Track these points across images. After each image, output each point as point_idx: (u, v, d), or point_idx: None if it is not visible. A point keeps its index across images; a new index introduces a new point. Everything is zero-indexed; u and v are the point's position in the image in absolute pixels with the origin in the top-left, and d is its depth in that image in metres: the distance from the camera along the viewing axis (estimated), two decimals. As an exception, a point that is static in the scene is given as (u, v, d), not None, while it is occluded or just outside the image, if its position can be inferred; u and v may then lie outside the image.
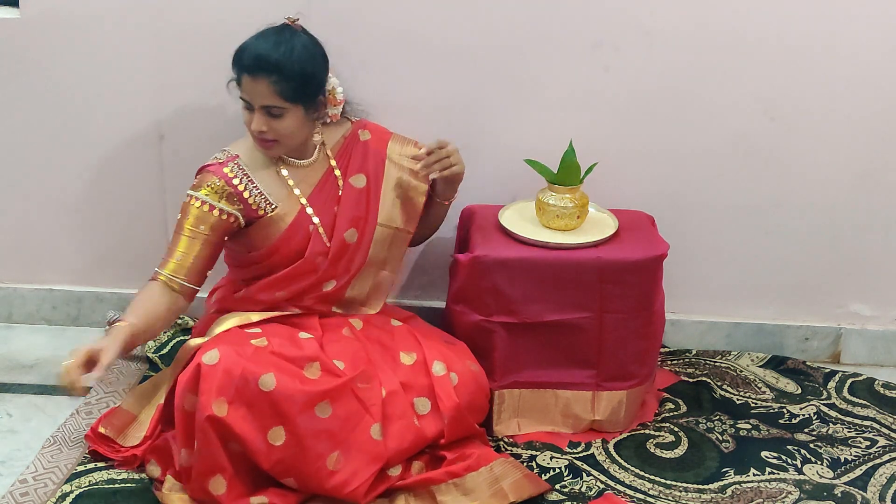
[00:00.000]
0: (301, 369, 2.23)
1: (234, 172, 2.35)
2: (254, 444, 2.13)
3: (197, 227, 2.31)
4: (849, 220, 2.84)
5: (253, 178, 2.36)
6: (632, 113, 2.76)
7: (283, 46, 2.26)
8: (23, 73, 2.75)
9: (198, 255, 2.31)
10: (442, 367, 2.36)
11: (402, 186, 2.47)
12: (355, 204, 2.43)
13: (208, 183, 2.33)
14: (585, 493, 2.32)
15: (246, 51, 2.27)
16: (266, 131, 2.29)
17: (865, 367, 2.93)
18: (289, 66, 2.25)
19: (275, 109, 2.27)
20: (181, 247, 2.31)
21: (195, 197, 2.32)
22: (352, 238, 2.43)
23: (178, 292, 2.30)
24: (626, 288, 2.47)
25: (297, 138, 2.35)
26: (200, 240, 2.31)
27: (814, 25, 2.66)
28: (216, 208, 2.32)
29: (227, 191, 2.33)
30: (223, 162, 2.36)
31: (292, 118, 2.30)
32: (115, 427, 2.40)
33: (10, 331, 2.95)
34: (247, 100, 2.29)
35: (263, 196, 2.37)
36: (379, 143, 2.50)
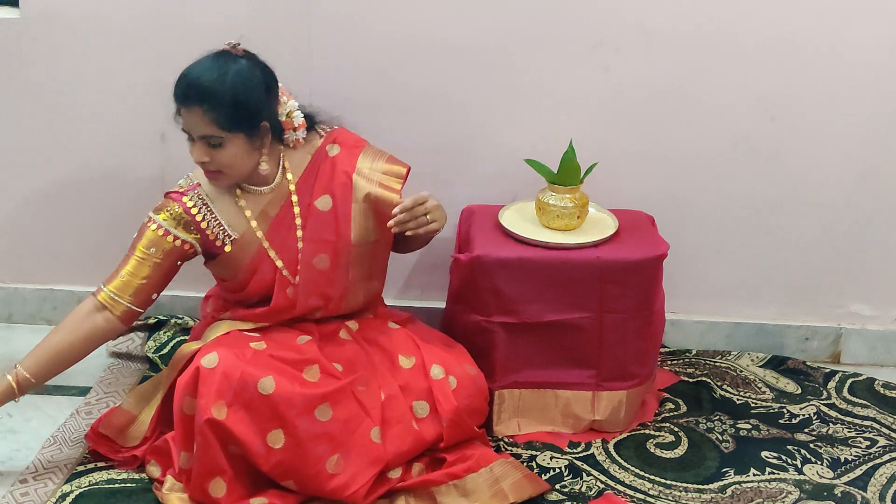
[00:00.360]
0: (300, 372, 2.23)
1: (194, 202, 2.30)
2: (253, 447, 2.13)
3: (148, 249, 2.27)
4: (849, 220, 2.84)
5: (213, 207, 2.31)
6: (632, 113, 2.76)
7: (215, 73, 2.16)
8: (23, 73, 2.75)
9: (145, 277, 2.27)
10: (440, 371, 2.35)
11: (372, 201, 2.33)
12: (322, 228, 2.33)
13: (168, 208, 2.29)
14: (585, 493, 2.32)
15: (179, 80, 2.18)
16: (208, 161, 2.20)
17: (865, 367, 2.93)
18: (220, 93, 2.14)
19: (213, 139, 2.18)
20: (129, 267, 2.28)
21: (153, 219, 2.29)
22: (322, 264, 2.34)
23: (115, 315, 2.26)
24: (626, 288, 2.47)
25: (243, 168, 2.24)
26: (149, 263, 2.27)
27: (814, 25, 2.66)
28: (171, 234, 2.28)
29: (185, 219, 2.29)
30: (184, 191, 2.31)
31: (233, 147, 2.19)
32: (115, 427, 2.40)
33: (10, 331, 2.95)
34: (186, 130, 2.21)
35: (222, 227, 2.31)
36: (348, 157, 2.36)
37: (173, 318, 2.92)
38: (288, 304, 2.35)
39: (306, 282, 2.34)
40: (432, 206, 2.26)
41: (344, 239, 2.34)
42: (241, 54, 2.22)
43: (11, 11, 2.73)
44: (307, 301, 2.36)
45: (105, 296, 2.27)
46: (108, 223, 2.89)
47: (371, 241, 2.37)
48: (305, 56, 2.70)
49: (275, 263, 2.34)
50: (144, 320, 2.90)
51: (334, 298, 2.39)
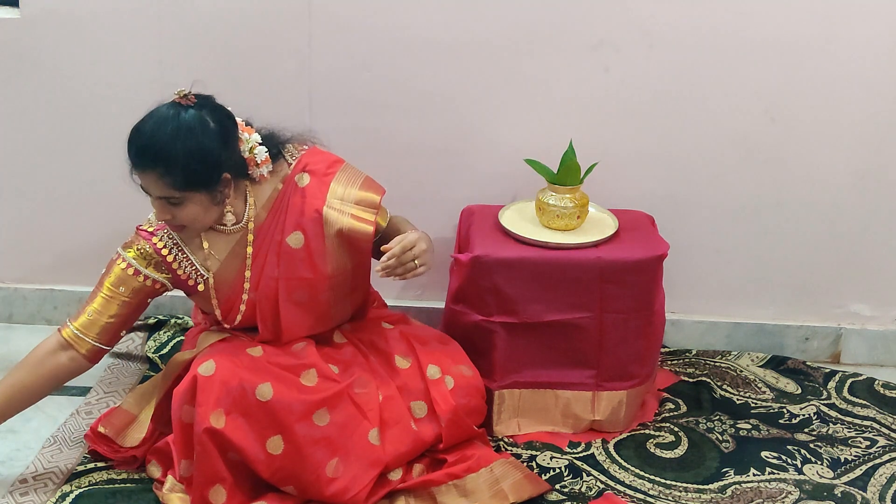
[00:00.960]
0: (297, 377, 2.22)
1: (164, 242, 2.23)
2: (252, 454, 2.12)
3: (117, 287, 2.21)
4: (849, 220, 2.84)
5: (184, 247, 2.24)
6: (632, 113, 2.76)
7: (167, 134, 2.05)
8: (23, 73, 2.75)
9: (113, 315, 2.20)
10: (437, 371, 2.35)
11: (345, 235, 2.24)
12: (297, 266, 2.24)
13: (137, 245, 2.23)
14: (585, 493, 2.32)
15: (131, 141, 2.09)
16: (170, 219, 2.14)
17: (865, 367, 2.93)
18: (174, 156, 2.05)
19: (172, 199, 2.10)
20: (96, 304, 2.21)
21: (122, 256, 2.22)
22: (301, 297, 2.27)
23: (81, 353, 2.20)
24: (626, 288, 2.47)
25: (207, 220, 2.18)
26: (117, 301, 2.21)
27: (814, 26, 2.66)
28: (141, 273, 2.21)
29: (156, 259, 2.22)
30: (154, 230, 2.23)
31: (194, 205, 2.12)
32: (115, 427, 2.40)
33: (10, 331, 2.95)
34: (144, 190, 2.13)
35: (195, 267, 2.25)
36: (319, 187, 2.25)
37: (173, 318, 2.92)
38: (272, 335, 2.30)
39: (288, 317, 2.28)
40: (420, 252, 2.21)
41: (320, 273, 2.26)
42: (192, 104, 2.11)
43: (11, 11, 2.73)
44: (293, 333, 2.31)
45: (70, 333, 2.21)
46: (109, 223, 2.88)
47: (349, 269, 2.31)
48: (305, 56, 2.70)
49: (251, 300, 2.28)
50: (144, 320, 2.90)
51: (321, 323, 2.36)
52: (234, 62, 2.70)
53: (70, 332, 2.21)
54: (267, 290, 2.26)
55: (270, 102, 2.59)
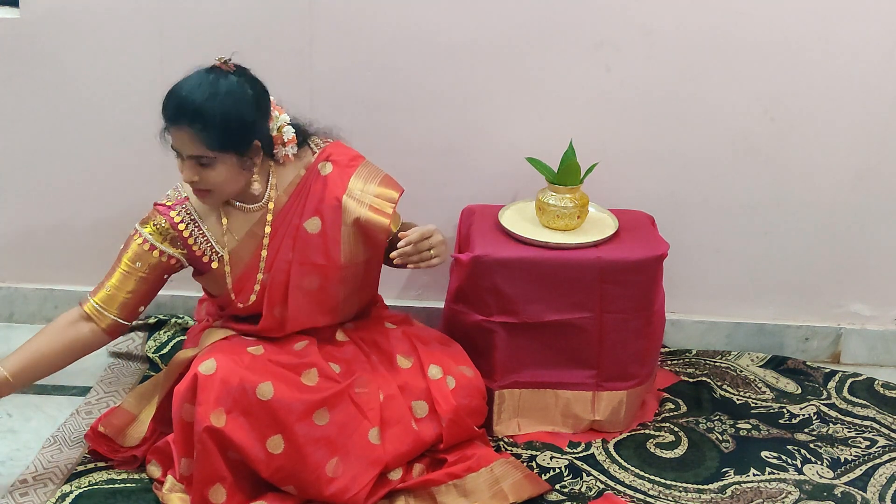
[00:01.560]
0: (298, 376, 2.22)
1: (181, 217, 2.26)
2: (253, 453, 2.12)
3: (134, 263, 2.24)
4: (849, 220, 2.84)
5: (201, 224, 2.27)
6: (632, 113, 2.76)
7: (205, 92, 2.10)
8: (23, 73, 2.75)
9: (131, 291, 2.24)
10: (438, 371, 2.35)
11: (362, 224, 2.27)
12: (311, 251, 2.27)
13: (154, 221, 2.26)
14: (585, 493, 2.32)
15: (169, 99, 2.13)
16: (198, 181, 2.16)
17: (865, 367, 2.93)
18: (211, 114, 2.09)
19: (203, 159, 2.13)
20: (114, 280, 2.25)
21: (139, 232, 2.26)
22: (311, 285, 2.30)
23: (101, 327, 2.23)
24: (626, 288, 2.47)
25: (233, 187, 2.20)
26: (135, 277, 2.24)
27: (814, 26, 2.66)
28: (157, 249, 2.25)
29: (172, 234, 2.25)
30: (171, 205, 2.27)
31: (224, 167, 2.15)
32: (115, 427, 2.39)
33: (11, 330, 2.95)
34: (175, 149, 2.16)
35: (210, 244, 2.28)
36: (340, 177, 2.29)
37: (173, 318, 2.92)
38: (276, 324, 2.31)
39: (295, 304, 2.30)
40: (437, 242, 2.25)
41: (333, 261, 2.28)
42: (231, 70, 2.16)
43: (11, 11, 2.73)
44: (298, 321, 2.32)
45: (91, 307, 2.24)
46: (109, 223, 2.89)
47: (361, 262, 2.33)
48: (306, 56, 2.70)
49: (265, 281, 2.30)
50: (144, 320, 2.90)
51: (326, 315, 2.37)
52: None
53: (91, 306, 2.24)
54: (279, 274, 2.29)
55: (270, 102, 2.60)
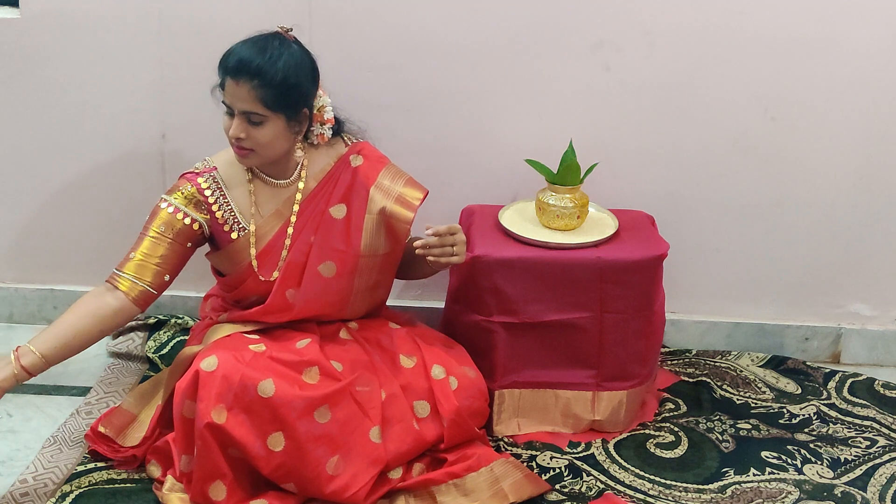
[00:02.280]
0: (300, 374, 2.22)
1: (208, 184, 2.31)
2: (253, 450, 2.12)
3: (160, 229, 2.27)
4: (849, 220, 2.84)
5: (227, 194, 2.32)
6: (632, 112, 2.76)
7: (268, 53, 2.19)
8: (23, 73, 2.75)
9: (160, 257, 2.27)
10: (441, 371, 2.35)
11: (387, 215, 2.34)
12: (333, 236, 2.33)
13: (181, 188, 2.31)
14: (585, 493, 2.32)
15: (232, 54, 2.20)
16: (244, 138, 2.21)
17: (865, 367, 2.93)
18: (272, 72, 2.17)
19: (255, 116, 2.19)
20: (144, 247, 2.28)
21: (165, 200, 2.30)
22: (328, 272, 2.34)
23: (131, 298, 2.25)
24: (626, 288, 2.47)
25: (275, 150, 2.26)
26: (164, 243, 2.27)
27: (814, 25, 2.66)
28: (181, 212, 2.29)
29: (197, 199, 2.30)
30: (199, 172, 2.33)
31: (272, 127, 2.21)
32: (115, 427, 2.40)
33: (10, 331, 2.95)
34: (228, 104, 2.22)
35: (234, 214, 2.32)
36: (370, 169, 2.37)
37: (173, 318, 2.92)
38: (284, 305, 2.34)
39: (309, 287, 2.34)
40: (460, 240, 2.28)
41: (353, 249, 2.34)
42: (292, 40, 2.26)
43: (11, 11, 2.73)
44: (307, 306, 2.35)
45: (119, 278, 2.26)
46: (108, 223, 2.89)
47: (380, 254, 2.37)
48: (306, 56, 2.70)
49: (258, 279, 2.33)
50: (144, 320, 2.90)
51: (335, 306, 2.39)
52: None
53: (119, 277, 2.26)
54: (298, 255, 2.33)
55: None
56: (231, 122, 2.22)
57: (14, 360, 2.17)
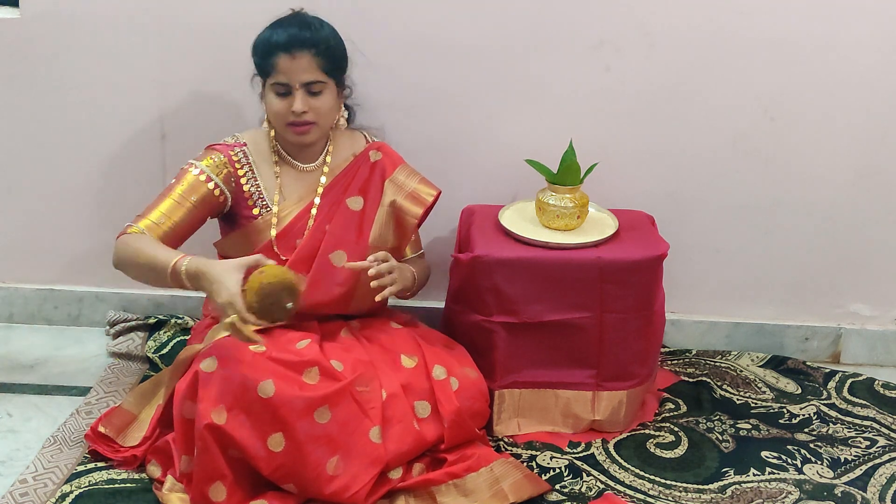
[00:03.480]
0: (300, 375, 2.22)
1: (238, 157, 2.38)
2: (253, 451, 2.12)
3: (187, 194, 2.32)
4: (849, 220, 2.85)
5: (255, 170, 2.38)
6: (632, 113, 2.76)
7: (311, 25, 2.30)
8: (23, 73, 2.75)
9: (178, 221, 2.31)
10: (442, 371, 2.36)
11: (397, 208, 2.43)
12: (347, 226, 2.40)
13: (212, 156, 2.36)
14: (585, 493, 2.32)
15: (275, 34, 2.28)
16: (307, 111, 2.30)
17: (865, 367, 2.94)
18: (323, 39, 2.29)
19: (315, 85, 2.29)
20: (163, 208, 2.31)
21: (195, 165, 2.35)
22: (338, 260, 2.39)
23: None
24: (626, 288, 2.47)
25: (331, 119, 2.37)
26: (186, 208, 2.31)
27: (814, 25, 2.66)
28: (212, 181, 2.33)
29: (227, 170, 2.36)
30: (230, 145, 2.39)
31: (329, 95, 2.33)
32: (115, 427, 2.39)
33: (10, 331, 2.95)
34: (284, 82, 2.28)
35: (260, 191, 2.38)
36: (388, 165, 2.47)
37: (173, 318, 2.92)
38: None
39: (317, 273, 2.37)
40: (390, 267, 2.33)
41: (363, 239, 2.41)
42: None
43: (11, 11, 2.73)
44: (313, 292, 2.35)
45: (137, 230, 2.28)
46: (108, 223, 2.88)
47: (387, 247, 2.42)
48: (305, 56, 2.70)
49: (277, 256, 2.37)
50: (144, 320, 2.90)
51: (340, 298, 2.41)
52: (235, 62, 2.70)
53: (137, 229, 2.28)
54: (313, 240, 2.39)
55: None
56: (285, 103, 2.30)
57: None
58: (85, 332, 2.94)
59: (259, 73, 2.37)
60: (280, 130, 2.38)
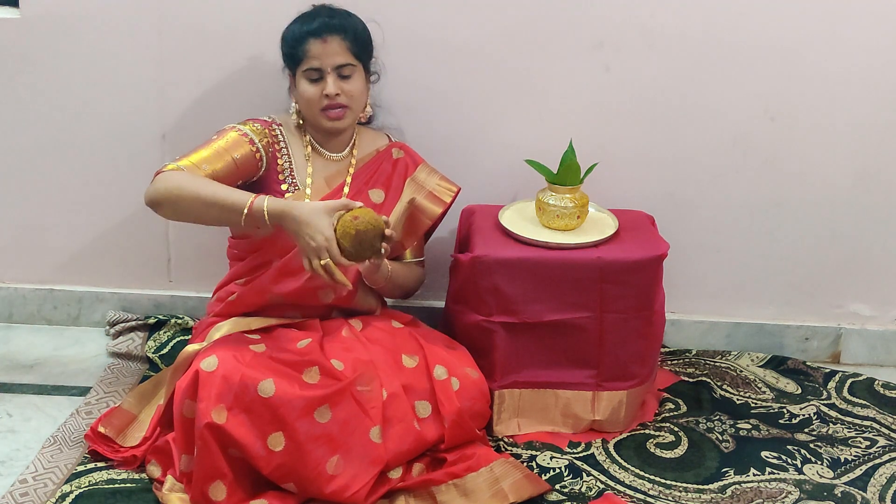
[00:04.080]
0: (300, 374, 2.22)
1: (276, 133, 2.42)
2: (253, 451, 2.12)
3: (228, 149, 2.33)
4: (849, 220, 2.85)
5: (289, 150, 2.42)
6: (632, 113, 2.76)
7: (339, 12, 2.38)
8: (23, 73, 2.75)
9: (218, 172, 2.30)
10: (443, 372, 2.36)
11: (415, 205, 2.49)
12: None
13: (254, 125, 2.40)
14: (585, 493, 2.32)
15: (305, 24, 2.35)
16: (339, 94, 2.34)
17: (865, 367, 2.93)
18: (352, 24, 2.37)
19: (346, 69, 2.35)
20: (204, 155, 2.31)
21: (237, 128, 2.38)
22: None
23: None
24: (626, 288, 2.46)
25: (361, 104, 2.43)
26: (226, 161, 2.32)
27: (814, 25, 2.66)
28: (255, 144, 2.36)
29: (268, 139, 2.40)
30: (269, 122, 2.43)
31: (359, 78, 2.39)
32: (115, 427, 2.40)
33: (10, 331, 2.95)
34: (316, 67, 2.33)
35: (291, 169, 2.41)
36: (410, 163, 2.53)
37: (173, 318, 2.92)
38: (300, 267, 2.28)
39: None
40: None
41: None
42: None
43: (11, 11, 2.73)
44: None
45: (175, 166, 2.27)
46: (109, 223, 2.89)
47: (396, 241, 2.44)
48: (305, 56, 2.70)
49: None
50: (144, 320, 2.90)
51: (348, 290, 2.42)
52: (235, 62, 2.71)
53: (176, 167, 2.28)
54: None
55: (271, 102, 2.60)
56: (318, 88, 2.35)
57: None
58: (85, 332, 2.94)
59: (289, 64, 2.42)
60: (313, 118, 2.40)
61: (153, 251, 2.92)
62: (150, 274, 2.95)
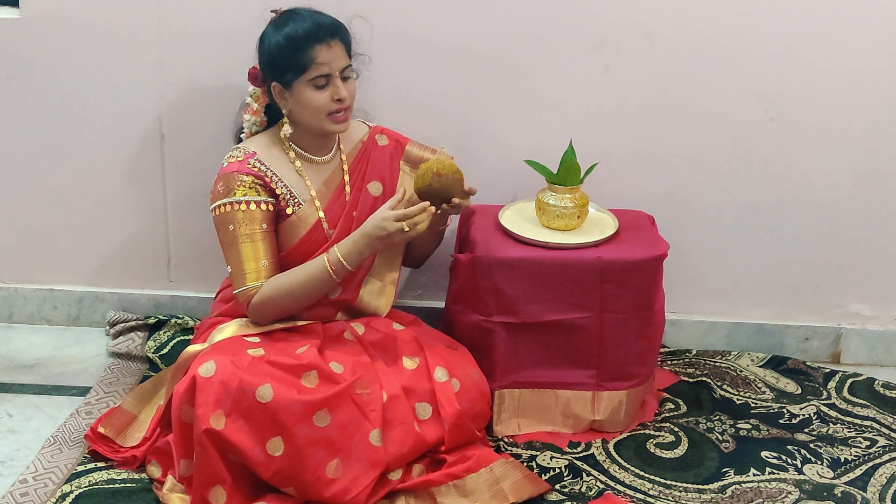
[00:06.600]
0: (298, 378, 2.22)
1: (258, 167, 2.34)
2: (252, 456, 2.12)
3: (252, 228, 2.30)
4: (849, 220, 2.85)
5: (275, 172, 2.36)
6: (632, 113, 2.76)
7: (321, 13, 2.33)
8: (23, 73, 2.75)
9: (270, 251, 2.33)
10: (444, 373, 2.36)
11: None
12: (370, 211, 2.38)
13: (238, 183, 2.31)
14: (585, 493, 2.32)
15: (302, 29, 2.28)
16: (344, 98, 2.32)
17: (865, 367, 2.93)
18: (341, 24, 2.35)
19: (347, 70, 2.33)
20: (250, 254, 2.31)
21: (233, 203, 2.31)
22: None
23: None
24: (626, 288, 2.46)
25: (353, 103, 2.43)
26: (258, 238, 2.31)
27: (814, 25, 2.66)
28: (252, 202, 2.31)
29: (259, 183, 2.33)
30: (242, 160, 2.34)
31: (354, 78, 2.38)
32: (115, 427, 2.40)
33: (10, 331, 2.95)
34: (325, 73, 2.29)
35: (289, 190, 2.37)
36: (397, 147, 2.53)
37: (173, 318, 2.92)
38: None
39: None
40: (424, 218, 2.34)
41: None
42: None
43: (11, 11, 2.73)
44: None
45: (259, 286, 2.31)
46: (108, 223, 2.89)
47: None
48: (305, 56, 2.70)
49: (325, 235, 2.40)
50: (144, 320, 2.90)
51: (357, 279, 2.44)
52: (234, 62, 2.70)
53: (258, 285, 2.31)
54: (345, 227, 2.41)
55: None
56: (326, 94, 2.30)
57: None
58: (85, 332, 2.94)
59: (285, 75, 2.30)
60: (317, 124, 2.34)
61: (153, 251, 2.92)
62: (150, 274, 2.95)
